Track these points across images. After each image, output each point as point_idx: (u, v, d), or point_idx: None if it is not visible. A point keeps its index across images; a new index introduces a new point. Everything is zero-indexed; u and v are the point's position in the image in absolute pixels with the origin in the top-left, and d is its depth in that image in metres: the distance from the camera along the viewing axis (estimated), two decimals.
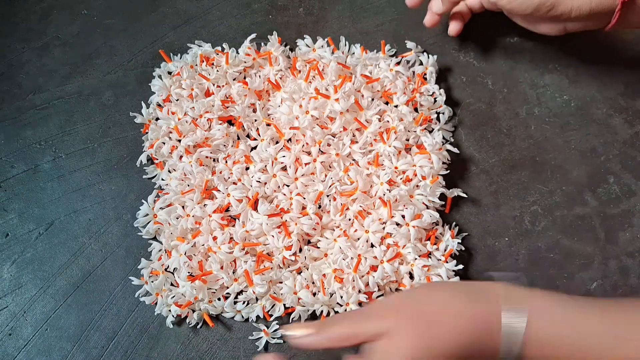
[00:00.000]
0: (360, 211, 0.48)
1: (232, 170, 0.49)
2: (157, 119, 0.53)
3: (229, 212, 0.49)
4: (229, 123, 0.52)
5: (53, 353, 0.47)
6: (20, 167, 0.54)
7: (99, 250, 0.50)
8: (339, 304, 0.46)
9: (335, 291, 0.46)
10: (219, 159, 0.51)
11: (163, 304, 0.47)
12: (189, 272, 0.46)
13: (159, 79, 0.55)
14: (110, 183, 0.53)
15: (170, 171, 0.51)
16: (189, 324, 0.47)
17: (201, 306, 0.47)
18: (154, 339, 0.47)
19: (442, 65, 0.57)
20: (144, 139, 0.53)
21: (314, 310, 0.46)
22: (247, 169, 0.50)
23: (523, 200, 0.52)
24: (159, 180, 0.52)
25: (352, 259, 0.46)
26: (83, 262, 0.50)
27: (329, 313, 0.46)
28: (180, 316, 0.47)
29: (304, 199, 0.48)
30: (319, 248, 0.48)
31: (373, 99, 0.52)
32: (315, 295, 0.46)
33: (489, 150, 0.54)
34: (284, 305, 0.47)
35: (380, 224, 0.47)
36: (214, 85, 0.53)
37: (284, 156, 0.49)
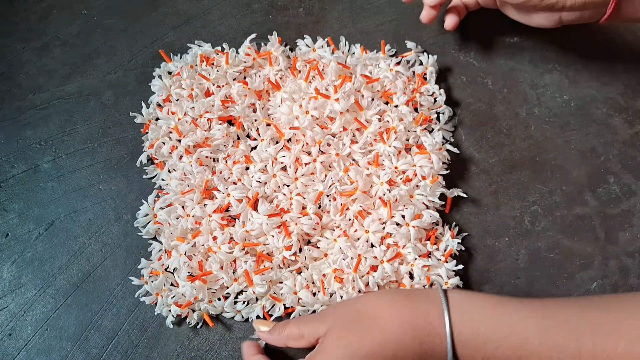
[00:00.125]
0: (360, 211, 0.48)
1: (232, 170, 0.49)
2: (157, 119, 0.53)
3: (229, 212, 0.49)
4: (229, 123, 0.52)
5: (53, 353, 0.47)
6: (20, 167, 0.54)
7: (99, 250, 0.50)
8: None
9: (335, 291, 0.46)
10: (219, 159, 0.51)
11: (163, 304, 0.47)
12: (189, 272, 0.46)
13: (159, 79, 0.55)
14: (110, 183, 0.53)
15: (170, 171, 0.51)
16: (189, 324, 0.47)
17: (201, 306, 0.47)
18: (154, 339, 0.47)
19: (442, 65, 0.57)
20: (144, 139, 0.53)
21: (314, 310, 0.46)
22: (247, 169, 0.50)
23: (523, 200, 0.52)
24: (159, 180, 0.52)
25: (352, 259, 0.46)
26: (83, 262, 0.50)
27: None
28: (180, 316, 0.47)
29: (304, 199, 0.48)
30: (319, 248, 0.48)
31: (373, 99, 0.52)
32: (315, 295, 0.46)
33: (489, 150, 0.54)
34: (284, 305, 0.47)
35: (380, 224, 0.47)
36: (214, 85, 0.53)
37: (284, 156, 0.49)
